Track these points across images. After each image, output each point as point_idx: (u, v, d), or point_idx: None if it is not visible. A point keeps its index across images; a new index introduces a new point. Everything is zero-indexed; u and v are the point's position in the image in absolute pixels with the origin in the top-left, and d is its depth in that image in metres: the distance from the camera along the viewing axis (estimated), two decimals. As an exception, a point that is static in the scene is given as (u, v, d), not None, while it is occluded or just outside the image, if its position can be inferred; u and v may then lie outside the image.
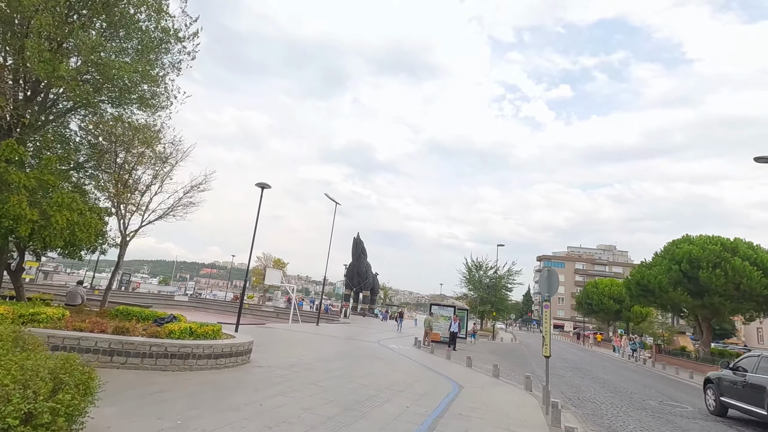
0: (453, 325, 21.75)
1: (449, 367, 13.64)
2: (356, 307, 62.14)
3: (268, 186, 15.71)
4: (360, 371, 10.66)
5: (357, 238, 61.64)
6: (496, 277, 41.60)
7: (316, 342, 17.11)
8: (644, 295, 28.28)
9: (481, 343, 31.93)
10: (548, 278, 8.70)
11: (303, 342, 16.54)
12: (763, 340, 62.03)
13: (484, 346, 28.69)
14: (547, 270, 8.88)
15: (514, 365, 18.45)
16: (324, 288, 43.01)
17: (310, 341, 17.19)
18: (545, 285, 8.71)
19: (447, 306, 23.55)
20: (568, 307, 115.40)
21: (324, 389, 7.91)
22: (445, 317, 22.83)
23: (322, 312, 44.07)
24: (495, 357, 21.20)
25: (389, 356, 14.92)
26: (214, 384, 7.24)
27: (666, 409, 11.16)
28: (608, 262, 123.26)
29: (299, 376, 9.01)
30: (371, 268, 64.15)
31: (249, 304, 43.00)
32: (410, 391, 8.91)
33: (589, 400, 11.22)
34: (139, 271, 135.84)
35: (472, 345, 27.53)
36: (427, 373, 11.72)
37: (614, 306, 51.87)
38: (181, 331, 8.70)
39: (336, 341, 18.24)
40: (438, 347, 20.15)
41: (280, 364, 10.23)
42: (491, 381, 11.68)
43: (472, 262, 43.38)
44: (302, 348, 14.37)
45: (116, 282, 59.25)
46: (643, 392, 14.05)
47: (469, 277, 42.73)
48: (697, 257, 24.61)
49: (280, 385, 7.77)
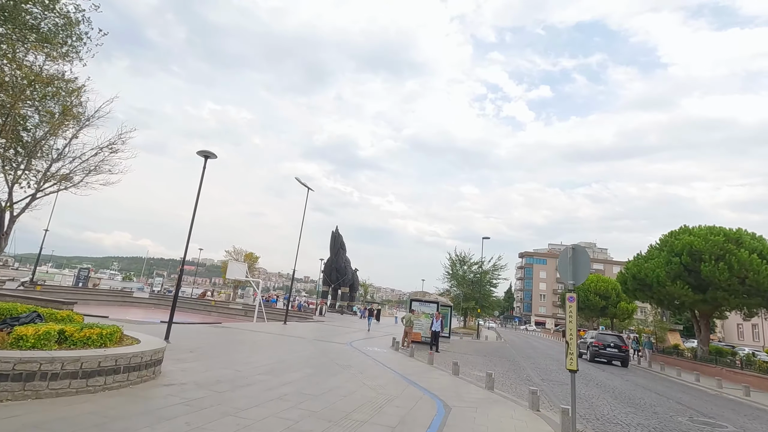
0: (435, 324, 19.23)
1: (432, 377, 11.08)
2: (335, 305, 59.25)
3: (212, 155, 12.82)
4: (315, 388, 7.98)
5: (335, 232, 58.71)
6: (480, 272, 39.39)
7: (274, 345, 14.32)
8: (641, 289, 26.36)
9: (465, 342, 29.61)
10: (574, 260, 6.20)
11: (257, 346, 13.73)
12: (743, 337, 61.82)
13: (469, 346, 26.35)
14: (572, 249, 6.36)
15: (507, 370, 16.06)
16: (305, 285, 40.37)
17: (266, 344, 14.39)
18: (569, 269, 6.20)
19: (429, 302, 21.00)
20: (550, 304, 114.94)
21: (245, 426, 5.21)
22: (427, 315, 20.31)
23: (294, 309, 41.14)
24: (483, 359, 18.81)
25: (360, 363, 12.27)
26: (55, 424, 4.45)
27: (705, 430, 8.85)
28: (590, 259, 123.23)
29: (220, 400, 6.27)
30: (350, 263, 61.33)
31: (216, 302, 39.75)
32: (379, 419, 6.29)
33: (610, 419, 8.81)
34: (108, 268, 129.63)
35: (456, 344, 25.16)
36: (404, 387, 9.11)
37: (600, 302, 50.42)
38: (38, 336, 5.86)
39: (300, 344, 15.49)
40: (419, 348, 17.63)
41: (204, 379, 7.47)
42: (485, 396, 9.16)
43: (455, 257, 41.13)
44: (250, 354, 11.59)
45: (73, 278, 54.49)
46: (664, 405, 11.78)
47: (453, 272, 40.45)
48: (699, 249, 22.72)
49: (176, 421, 5.04)
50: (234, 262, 26.41)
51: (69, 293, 37.12)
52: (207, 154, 12.86)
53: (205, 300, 40.28)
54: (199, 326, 18.13)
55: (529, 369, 17.03)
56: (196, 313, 37.40)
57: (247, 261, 47.49)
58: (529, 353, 26.18)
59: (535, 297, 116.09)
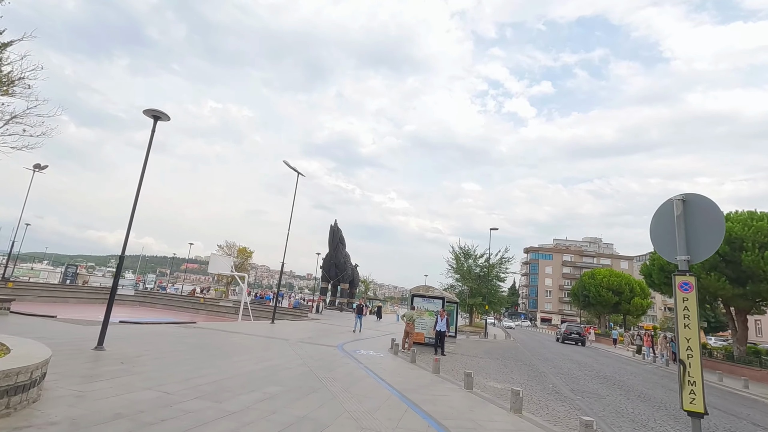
0: (440, 323, 16.68)
1: (439, 392, 8.54)
2: (334, 302, 56.79)
3: (162, 116, 10.26)
4: (270, 421, 5.45)
5: (334, 226, 56.20)
6: (487, 265, 36.76)
7: (245, 351, 11.80)
8: (669, 282, 23.71)
9: (472, 342, 27.08)
10: (688, 218, 3.63)
11: (222, 352, 11.21)
12: (762, 334, 59.04)
13: (478, 346, 23.82)
14: (682, 201, 3.76)
15: (527, 377, 13.51)
16: (309, 282, 37.93)
17: (236, 350, 11.87)
18: (679, 235, 3.63)
19: (433, 297, 18.39)
20: (556, 300, 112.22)
21: None
22: (431, 312, 17.74)
23: (290, 307, 38.68)
24: (496, 364, 16.27)
25: (347, 373, 9.74)
26: None
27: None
28: (597, 254, 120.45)
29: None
30: (350, 258, 58.80)
31: (205, 299, 37.33)
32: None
33: None
34: (105, 265, 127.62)
35: (463, 344, 22.62)
36: (401, 414, 6.57)
37: (613, 298, 47.81)
38: None
39: (279, 348, 12.98)
40: (421, 351, 15.11)
41: (95, 412, 4.94)
42: (513, 425, 6.60)
43: (459, 250, 38.51)
44: (203, 365, 9.07)
45: (60, 275, 52.21)
46: (732, 424, 9.20)
47: (457, 266, 37.82)
48: (739, 236, 20.05)
49: None
50: (217, 256, 23.82)
51: (48, 291, 34.79)
52: (156, 114, 10.31)
53: (194, 297, 37.85)
54: (166, 327, 15.64)
55: (552, 376, 14.47)
56: (183, 312, 35.01)
57: (241, 256, 45.07)
58: (544, 354, 23.64)
59: (541, 293, 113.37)
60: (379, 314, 42.50)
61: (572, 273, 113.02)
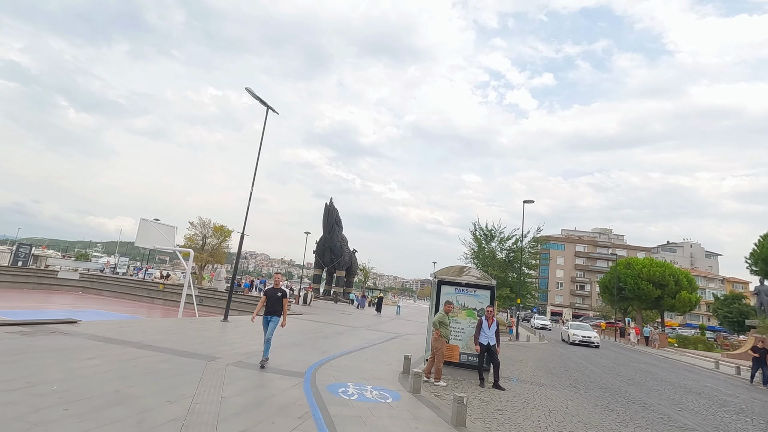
0: (487, 330, 9.55)
1: None
2: (328, 291, 49.88)
3: None
4: None
5: (329, 205, 48.92)
6: (516, 248, 29.59)
7: (73, 410, 4.62)
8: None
9: (505, 346, 19.98)
10: None
11: None
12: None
13: (520, 354, 16.76)
14: None
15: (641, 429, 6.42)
16: (309, 272, 31.55)
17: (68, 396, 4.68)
18: None
19: (476, 286, 11.05)
20: (567, 292, 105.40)
21: None
22: (470, 311, 10.54)
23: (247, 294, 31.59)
24: (572, 395, 9.07)
25: None
26: None
27: None
28: (612, 244, 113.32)
29: None
30: (347, 243, 51.71)
31: (165, 285, 30.22)
32: None
33: None
34: (91, 248, 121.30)
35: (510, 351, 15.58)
36: None
37: (654, 291, 40.63)
38: None
39: (167, 391, 5.84)
40: (455, 378, 8.06)
41: None
42: None
43: (480, 231, 31.29)
44: None
45: (9, 256, 44.85)
46: None
47: (478, 250, 30.64)
48: None
49: None
50: (148, 223, 16.37)
51: None
52: None
53: (153, 284, 30.79)
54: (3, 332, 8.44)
55: (679, 416, 7.37)
56: (133, 302, 27.98)
57: (216, 236, 37.97)
58: (616, 369, 16.56)
59: (552, 285, 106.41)
60: (379, 307, 35.63)
61: (585, 264, 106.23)
